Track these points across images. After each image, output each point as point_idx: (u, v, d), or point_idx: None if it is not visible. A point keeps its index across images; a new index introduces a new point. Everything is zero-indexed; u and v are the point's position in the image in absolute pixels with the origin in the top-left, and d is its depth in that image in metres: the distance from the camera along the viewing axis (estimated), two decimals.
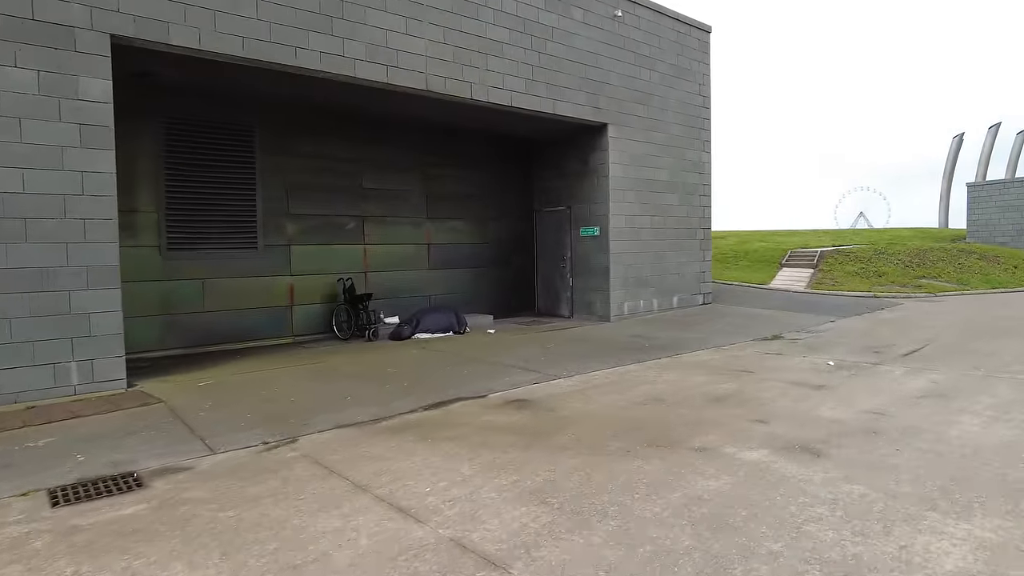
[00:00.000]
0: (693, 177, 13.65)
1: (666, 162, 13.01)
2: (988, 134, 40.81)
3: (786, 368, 7.44)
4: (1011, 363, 7.47)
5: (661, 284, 13.00)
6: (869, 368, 7.33)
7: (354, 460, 4.46)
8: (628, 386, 6.66)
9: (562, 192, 12.85)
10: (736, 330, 10.73)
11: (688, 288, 13.64)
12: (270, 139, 9.97)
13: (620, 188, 12.09)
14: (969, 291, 16.61)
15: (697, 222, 13.83)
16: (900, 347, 8.73)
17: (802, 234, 26.44)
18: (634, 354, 8.53)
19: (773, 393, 6.19)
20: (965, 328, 10.50)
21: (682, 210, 13.45)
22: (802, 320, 11.78)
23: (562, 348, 9.15)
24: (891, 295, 15.64)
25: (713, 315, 12.61)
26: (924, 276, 18.13)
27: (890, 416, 5.29)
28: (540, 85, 10.65)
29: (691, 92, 13.50)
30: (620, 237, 12.14)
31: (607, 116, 11.78)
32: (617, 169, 12.02)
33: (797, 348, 8.87)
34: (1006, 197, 23.83)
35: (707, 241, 14.12)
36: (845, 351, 8.52)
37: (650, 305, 12.76)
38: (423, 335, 10.39)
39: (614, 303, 12.08)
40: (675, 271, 13.33)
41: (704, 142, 13.88)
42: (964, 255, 19.87)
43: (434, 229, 11.94)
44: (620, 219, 12.11)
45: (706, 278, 14.11)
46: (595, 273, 12.26)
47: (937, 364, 7.49)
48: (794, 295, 15.77)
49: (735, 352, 8.68)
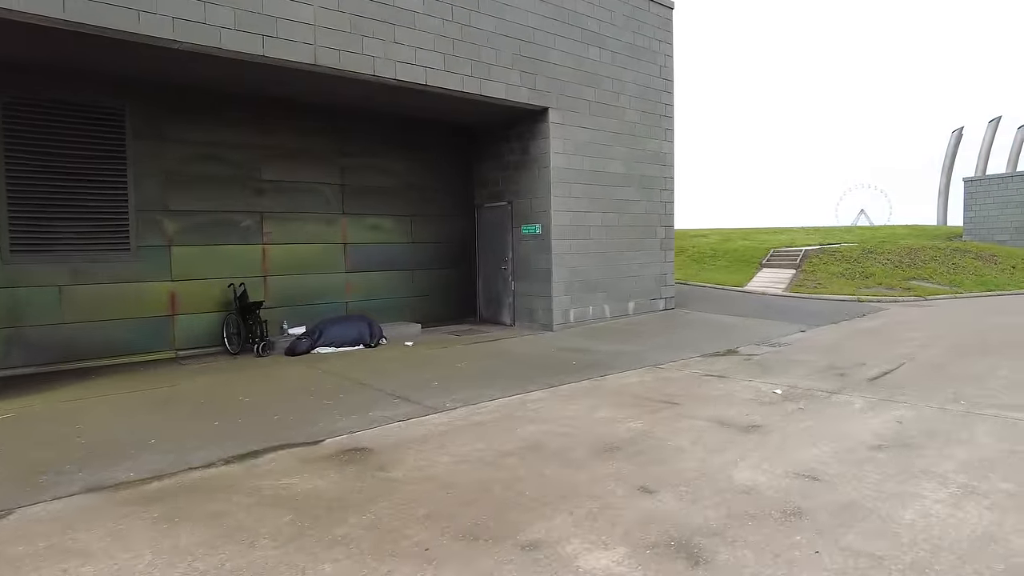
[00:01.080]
0: (653, 169, 12.19)
1: (621, 152, 11.55)
2: (988, 128, 39.17)
3: (721, 398, 6.00)
4: (999, 392, 6.01)
5: (615, 288, 11.55)
6: (823, 399, 5.88)
7: (43, 557, 3.07)
8: (512, 425, 5.23)
9: (503, 185, 11.42)
10: (688, 343, 9.28)
11: (647, 292, 12.19)
12: (145, 124, 8.56)
13: (564, 180, 10.65)
14: (961, 294, 15.11)
15: (658, 219, 12.37)
16: (870, 367, 7.27)
17: (790, 232, 24.94)
18: (553, 375, 7.11)
19: (686, 439, 4.75)
20: (952, 341, 9.03)
21: (640, 206, 11.99)
22: (768, 330, 10.33)
23: (474, 367, 7.72)
24: (876, 299, 14.16)
25: (670, 324, 11.16)
26: (914, 277, 16.64)
27: (826, 482, 3.85)
28: (463, 62, 9.21)
29: (650, 75, 12.03)
30: (564, 236, 10.70)
31: (548, 99, 10.33)
32: (560, 159, 10.58)
33: (748, 368, 7.42)
34: (1006, 192, 22.28)
35: (669, 240, 12.66)
36: (803, 373, 7.07)
37: (601, 312, 11.32)
38: (325, 349, 8.98)
39: (557, 310, 10.64)
40: (632, 274, 11.87)
41: (666, 131, 12.41)
42: (958, 254, 18.36)
43: (352, 227, 10.51)
44: (564, 215, 10.67)
45: (668, 281, 12.66)
46: (537, 277, 10.83)
47: (909, 393, 6.03)
48: (769, 299, 14.29)
49: (672, 373, 7.23)
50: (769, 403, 5.74)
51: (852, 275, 16.57)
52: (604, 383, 6.77)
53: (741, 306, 13.05)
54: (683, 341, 9.44)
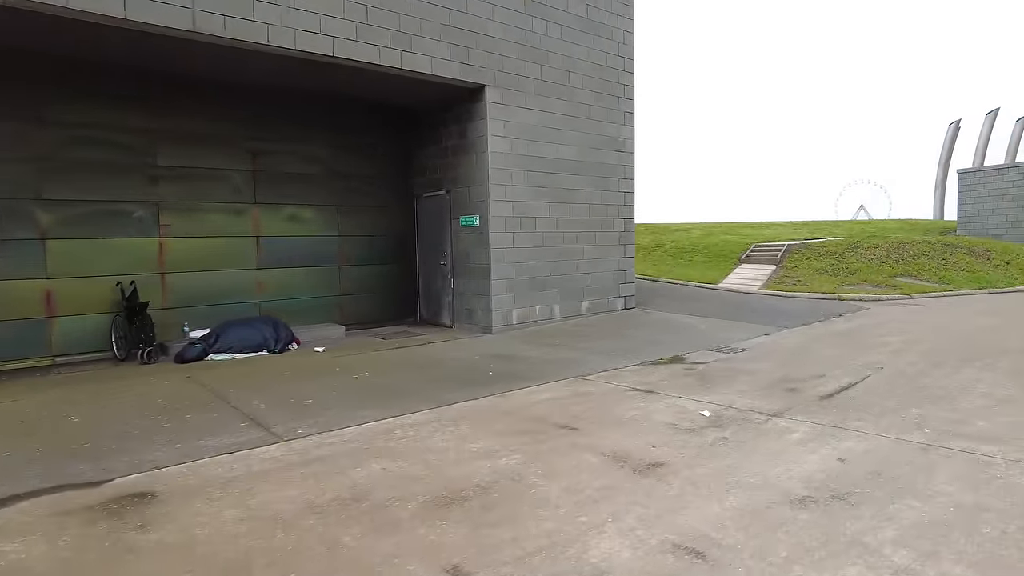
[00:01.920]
0: (610, 157, 11.06)
1: (572, 137, 10.43)
2: (986, 120, 37.84)
3: (634, 422, 4.90)
4: (974, 414, 4.89)
5: (566, 287, 10.45)
6: (758, 425, 4.77)
7: None
8: (356, 462, 4.14)
9: (441, 173, 10.31)
10: (633, 348, 8.18)
11: (603, 291, 11.07)
12: (11, 102, 7.47)
13: (505, 167, 9.53)
14: (950, 292, 13.96)
15: (616, 211, 11.24)
16: (828, 380, 6.16)
17: (776, 226, 23.76)
18: (456, 389, 6.02)
19: (559, 484, 3.65)
20: (930, 346, 7.91)
21: (595, 196, 10.87)
22: (729, 332, 9.22)
23: (372, 379, 6.64)
24: (858, 297, 13.03)
25: (623, 326, 10.05)
26: (901, 274, 15.48)
27: (714, 562, 2.75)
28: (380, 31, 8.10)
29: (607, 52, 10.89)
30: (506, 228, 9.59)
31: (484, 76, 9.21)
32: (500, 143, 9.46)
33: (685, 381, 6.31)
34: (1001, 184, 21.07)
35: (629, 234, 11.53)
36: (747, 387, 5.96)
37: (550, 312, 10.21)
38: (221, 355, 7.90)
39: (497, 311, 9.53)
40: (585, 270, 10.76)
41: (625, 114, 11.28)
42: (950, 249, 17.19)
43: (266, 217, 9.41)
44: (505, 206, 9.56)
45: (628, 278, 11.54)
46: (476, 273, 9.73)
47: (865, 416, 4.92)
48: (742, 297, 13.17)
49: (595, 386, 6.13)
50: (689, 430, 4.64)
51: (835, 272, 15.43)
52: (508, 400, 5.67)
53: (710, 305, 11.94)
54: (629, 346, 8.34)
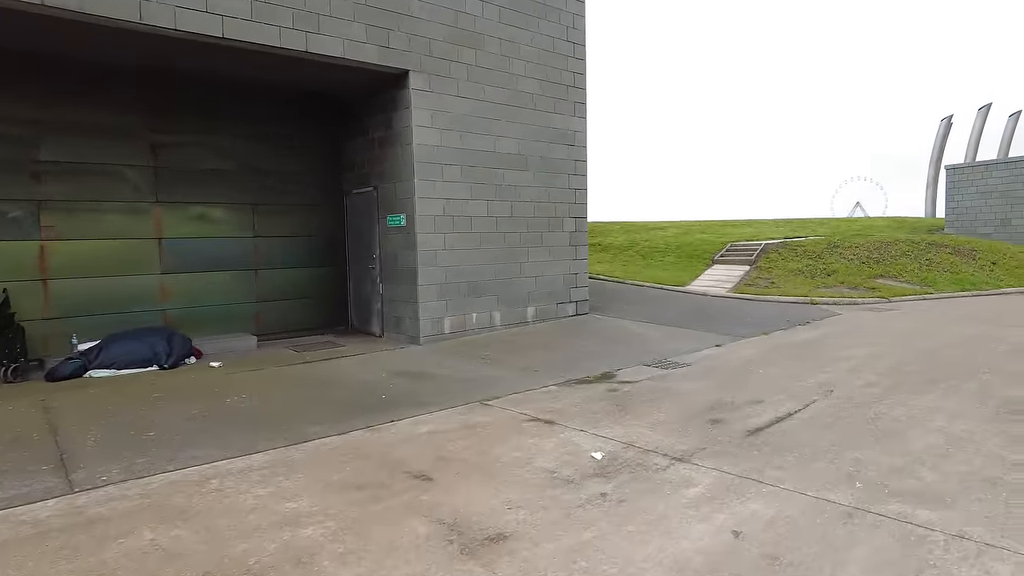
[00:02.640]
0: (558, 150, 10.13)
1: (514, 129, 9.50)
2: (978, 116, 36.84)
3: (508, 467, 3.99)
4: (920, 461, 3.98)
5: (508, 292, 9.53)
6: (653, 474, 3.86)
7: None
8: (135, 525, 3.25)
9: (368, 167, 9.39)
10: (564, 362, 7.28)
11: (553, 295, 10.16)
12: None
13: (434, 161, 8.61)
14: (931, 294, 13.04)
15: (565, 209, 10.32)
16: (765, 408, 5.25)
17: (758, 224, 22.82)
18: (331, 419, 5.12)
19: (350, 573, 2.75)
20: (895, 361, 7.00)
21: (541, 193, 9.94)
22: (679, 343, 8.31)
23: (244, 404, 5.73)
24: (832, 300, 12.11)
25: (567, 335, 9.14)
26: (882, 275, 14.56)
27: None
28: (281, 10, 7.17)
29: (554, 36, 9.95)
30: (436, 228, 8.68)
31: (408, 61, 8.28)
32: (428, 135, 8.54)
33: (599, 407, 5.40)
34: (990, 181, 20.11)
35: (581, 234, 10.61)
36: (667, 416, 5.06)
37: (489, 320, 9.30)
38: (102, 372, 6.99)
39: (426, 319, 8.62)
40: (531, 274, 9.84)
41: (575, 104, 10.34)
42: (934, 249, 16.25)
43: (170, 218, 8.49)
44: (434, 204, 8.64)
45: (580, 282, 10.62)
46: (403, 278, 8.82)
47: (788, 463, 4.01)
48: (709, 301, 12.25)
49: (493, 414, 5.23)
50: (567, 481, 3.73)
51: (812, 272, 14.51)
52: (379, 435, 4.76)
53: (669, 310, 11.02)
54: (561, 359, 7.44)
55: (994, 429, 4.54)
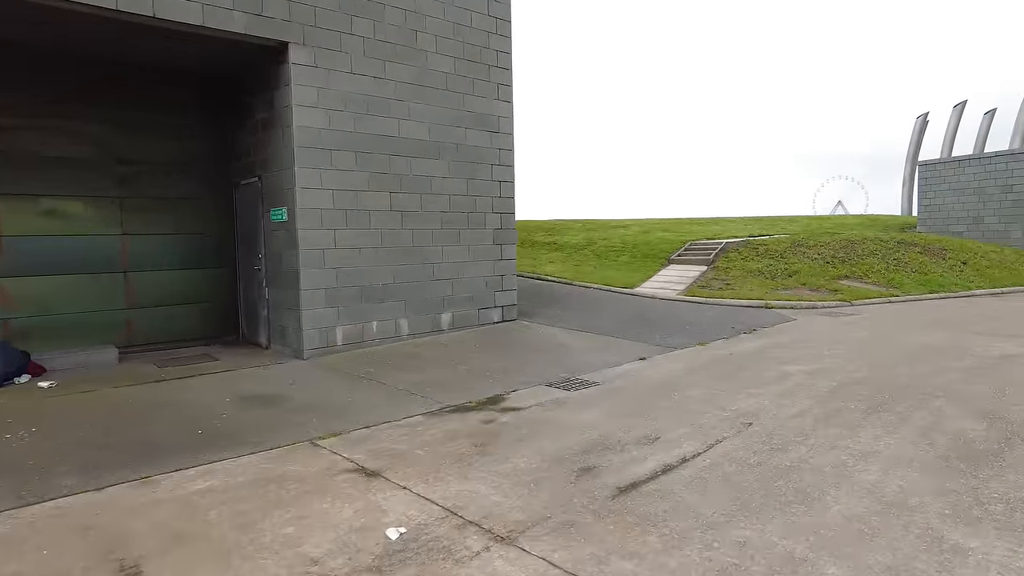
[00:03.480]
0: (479, 137, 8.96)
1: (423, 112, 8.31)
2: (953, 113, 36.16)
3: (245, 554, 2.82)
4: (822, 552, 2.85)
5: (417, 297, 8.35)
6: (448, 570, 2.70)
7: None
8: None
9: (254, 155, 8.17)
10: (462, 381, 6.13)
11: (474, 300, 8.98)
12: None
13: (321, 146, 7.41)
14: (897, 297, 12.01)
15: (488, 203, 9.15)
16: (657, 450, 4.11)
17: (726, 222, 21.78)
18: (111, 463, 3.96)
19: None
20: (839, 382, 5.89)
21: (458, 185, 8.76)
22: (600, 355, 7.17)
23: (12, 443, 4.51)
24: (790, 304, 11.03)
25: (480, 347, 7.97)
26: (846, 276, 13.53)
27: None
28: None
29: (472, 10, 8.77)
30: (323, 224, 7.49)
31: (287, 32, 7.07)
32: (313, 116, 7.34)
33: (451, 448, 4.23)
34: (962, 177, 19.19)
35: (508, 231, 9.44)
36: (527, 462, 3.91)
37: (394, 329, 8.12)
38: None
39: (311, 329, 7.43)
40: (446, 276, 8.67)
41: (499, 86, 9.17)
42: (903, 248, 15.27)
43: (11, 212, 7.20)
44: (320, 195, 7.44)
45: (507, 284, 9.45)
46: (287, 281, 7.61)
47: (649, 545, 2.88)
48: (654, 305, 11.13)
49: (311, 461, 4.04)
50: None
51: (772, 273, 13.45)
52: (137, 494, 3.57)
53: (609, 316, 9.89)
54: (454, 379, 6.27)
55: (937, 485, 3.43)
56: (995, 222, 18.27)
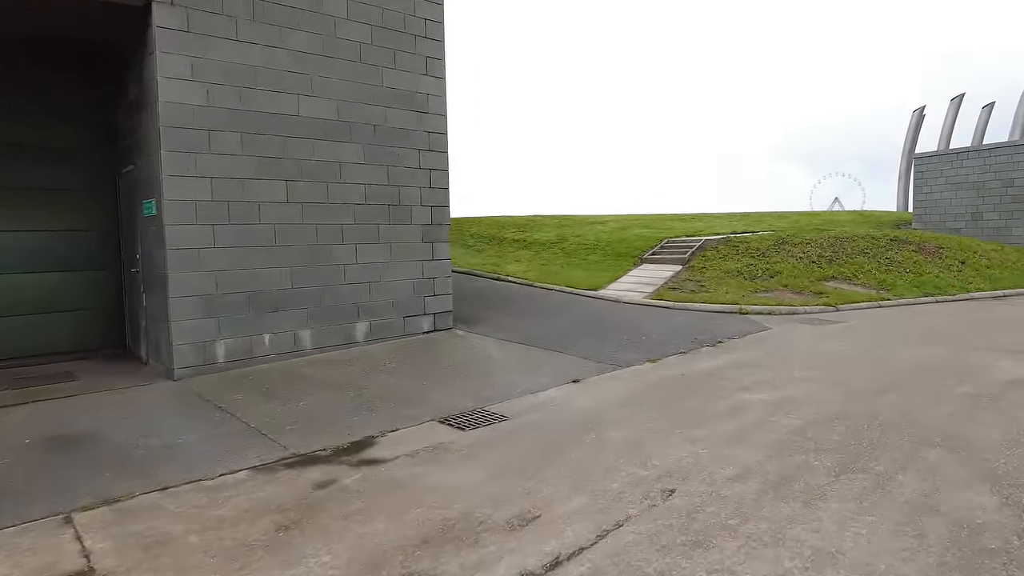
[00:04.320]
0: (402, 118, 7.66)
1: (330, 88, 7.02)
2: (950, 106, 34.81)
3: None
4: None
5: (324, 304, 7.07)
6: None
7: None
8: None
9: (130, 138, 6.89)
10: (341, 414, 4.87)
11: (397, 308, 7.70)
12: None
13: (195, 126, 6.12)
14: (888, 301, 10.71)
15: (415, 195, 7.85)
16: (522, 542, 2.82)
17: (710, 218, 20.45)
18: None
19: None
20: (806, 418, 4.60)
21: (375, 173, 7.47)
22: (533, 376, 5.90)
23: None
24: (767, 309, 9.74)
25: (395, 364, 6.68)
26: (833, 277, 12.24)
27: None
28: None
29: None
30: (199, 219, 6.20)
31: None
32: (186, 91, 6.04)
33: (251, 529, 2.96)
34: (961, 171, 17.87)
35: (440, 228, 8.14)
36: (345, 561, 2.62)
37: (294, 342, 6.83)
38: None
39: (184, 344, 6.15)
40: (360, 280, 7.38)
41: (428, 60, 7.86)
42: (896, 246, 13.96)
43: None
44: (195, 185, 6.16)
45: (440, 288, 8.15)
46: (158, 285, 6.33)
47: None
48: (615, 310, 9.83)
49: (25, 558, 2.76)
50: None
51: (752, 274, 12.16)
52: None
53: (561, 323, 8.60)
54: (337, 409, 5.00)
55: None
56: (995, 218, 16.95)
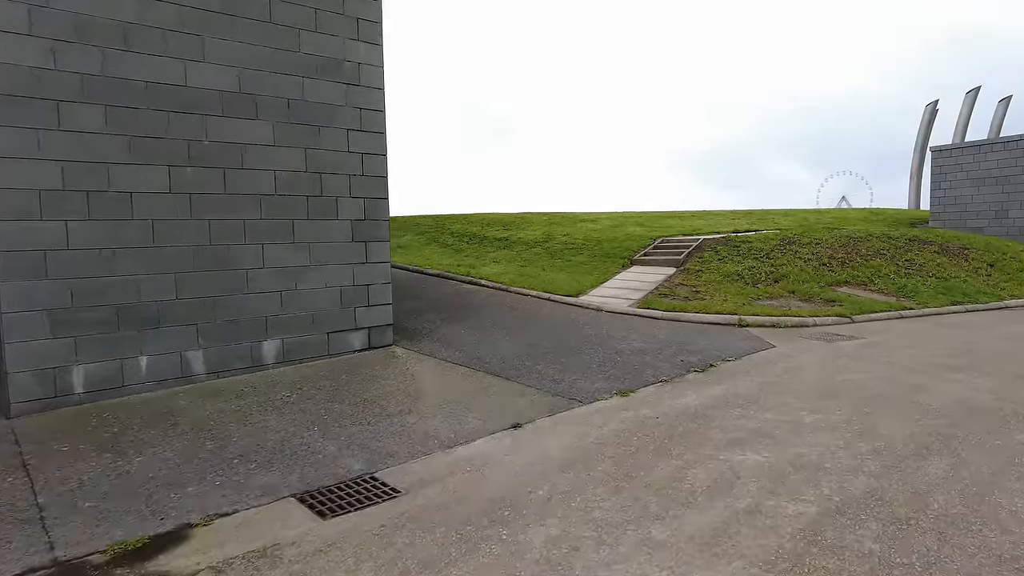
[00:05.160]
0: (325, 91, 6.23)
1: (228, 52, 5.60)
2: (965, 100, 33.00)
3: None
4: None
5: (220, 319, 5.67)
6: None
7: None
8: None
9: None
10: (162, 483, 3.47)
11: (320, 322, 6.29)
12: None
13: (41, 95, 4.74)
14: (911, 309, 9.21)
15: (342, 184, 6.43)
16: None
17: (710, 216, 18.90)
18: None
19: None
20: (827, 504, 3.16)
21: (290, 157, 6.05)
22: (464, 418, 4.50)
23: None
24: (770, 320, 8.28)
25: (285, 399, 5.27)
26: (847, 281, 10.74)
27: None
28: None
29: None
30: (44, 212, 4.83)
31: None
32: (21, 49, 4.65)
33: None
34: (984, 165, 16.27)
35: (376, 224, 6.72)
36: None
37: (179, 366, 5.44)
38: None
39: (21, 371, 4.78)
40: (269, 287, 5.97)
41: (359, 21, 6.43)
42: (916, 247, 12.44)
43: None
44: (39, 170, 4.77)
45: (377, 297, 6.73)
46: None
47: None
48: (594, 321, 8.38)
49: None
50: None
51: (754, 277, 10.68)
52: None
53: (526, 338, 7.18)
54: (169, 474, 3.60)
55: None
56: (1022, 216, 15.36)
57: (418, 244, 14.95)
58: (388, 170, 6.72)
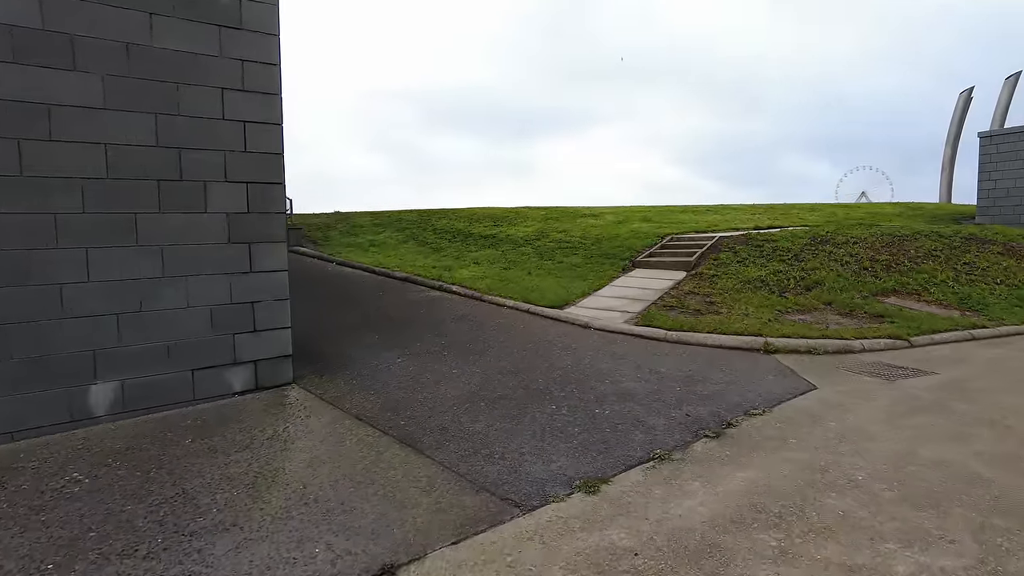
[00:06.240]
0: (186, 35, 4.38)
1: None
2: (1005, 85, 30.19)
3: None
4: None
5: (23, 355, 3.87)
6: None
7: None
8: None
9: None
10: None
11: (180, 356, 4.46)
12: None
13: None
14: (984, 328, 7.16)
15: (216, 166, 4.58)
16: None
17: (727, 210, 16.78)
18: None
19: None
20: None
21: (132, 127, 4.21)
22: (309, 548, 2.59)
23: None
24: (805, 342, 6.30)
25: (55, 492, 3.43)
26: (895, 290, 8.71)
27: None
28: None
29: None
30: None
31: None
32: None
33: None
34: None
35: (265, 219, 4.85)
36: None
37: None
38: None
39: None
40: (101, 308, 4.16)
41: None
42: (974, 246, 10.32)
43: None
44: None
45: (265, 319, 4.88)
46: None
47: None
48: (579, 343, 6.45)
49: None
50: None
51: (781, 284, 8.70)
52: None
53: (483, 369, 5.31)
54: None
55: None
56: None
57: (394, 242, 13.11)
58: (284, 145, 4.86)
